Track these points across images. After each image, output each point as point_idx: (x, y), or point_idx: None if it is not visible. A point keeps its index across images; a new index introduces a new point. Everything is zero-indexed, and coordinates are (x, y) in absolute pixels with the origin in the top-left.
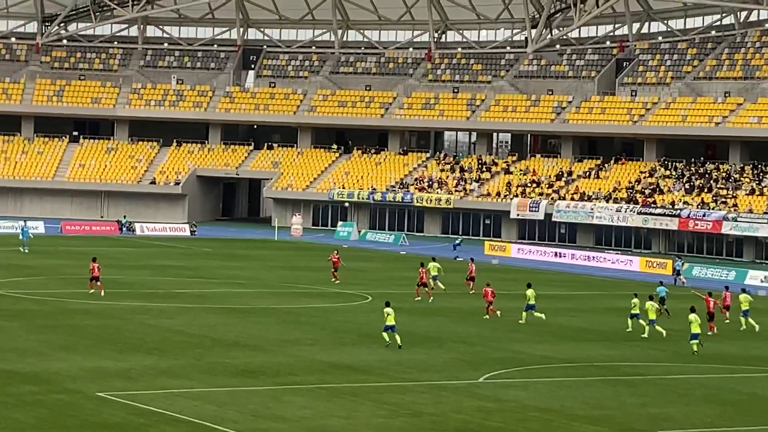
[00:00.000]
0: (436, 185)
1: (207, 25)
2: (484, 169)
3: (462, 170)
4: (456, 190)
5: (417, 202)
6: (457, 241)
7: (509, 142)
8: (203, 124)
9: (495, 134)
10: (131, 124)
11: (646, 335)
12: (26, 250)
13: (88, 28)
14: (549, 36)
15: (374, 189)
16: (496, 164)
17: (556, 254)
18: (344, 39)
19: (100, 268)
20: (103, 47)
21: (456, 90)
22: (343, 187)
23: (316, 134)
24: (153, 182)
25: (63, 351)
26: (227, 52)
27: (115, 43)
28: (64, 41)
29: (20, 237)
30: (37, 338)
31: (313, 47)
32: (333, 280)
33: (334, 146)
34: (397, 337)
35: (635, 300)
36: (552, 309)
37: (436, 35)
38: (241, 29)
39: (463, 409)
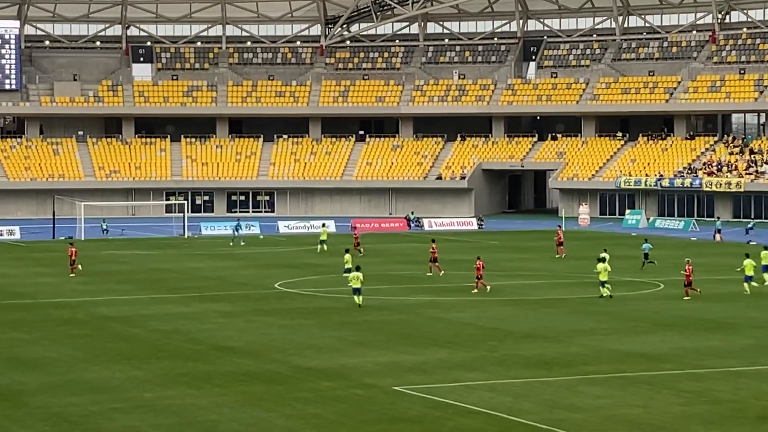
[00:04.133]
0: (725, 169)
1: (486, 18)
2: None
3: (752, 153)
4: (747, 174)
5: (706, 186)
6: (750, 225)
7: None
8: (486, 118)
9: None
10: (415, 121)
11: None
12: (243, 243)
13: (369, 28)
14: None
15: (661, 175)
16: None
17: None
18: (625, 25)
19: (77, 252)
20: (385, 46)
21: (743, 71)
22: (630, 175)
23: (600, 122)
24: (439, 177)
25: (358, 346)
26: (508, 45)
27: (397, 41)
28: (347, 42)
29: (234, 233)
30: (333, 335)
31: (594, 35)
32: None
33: (619, 134)
34: (360, 298)
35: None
36: None
37: (719, 16)
38: (521, 21)
39: (763, 396)
